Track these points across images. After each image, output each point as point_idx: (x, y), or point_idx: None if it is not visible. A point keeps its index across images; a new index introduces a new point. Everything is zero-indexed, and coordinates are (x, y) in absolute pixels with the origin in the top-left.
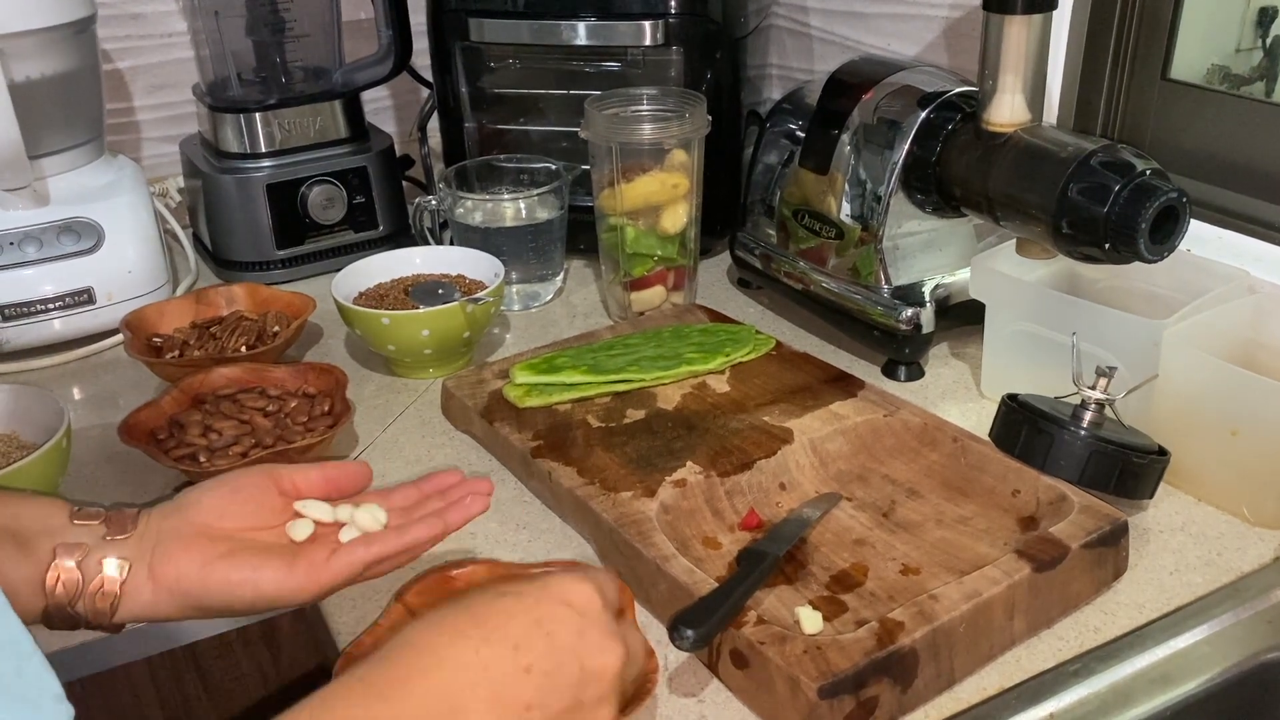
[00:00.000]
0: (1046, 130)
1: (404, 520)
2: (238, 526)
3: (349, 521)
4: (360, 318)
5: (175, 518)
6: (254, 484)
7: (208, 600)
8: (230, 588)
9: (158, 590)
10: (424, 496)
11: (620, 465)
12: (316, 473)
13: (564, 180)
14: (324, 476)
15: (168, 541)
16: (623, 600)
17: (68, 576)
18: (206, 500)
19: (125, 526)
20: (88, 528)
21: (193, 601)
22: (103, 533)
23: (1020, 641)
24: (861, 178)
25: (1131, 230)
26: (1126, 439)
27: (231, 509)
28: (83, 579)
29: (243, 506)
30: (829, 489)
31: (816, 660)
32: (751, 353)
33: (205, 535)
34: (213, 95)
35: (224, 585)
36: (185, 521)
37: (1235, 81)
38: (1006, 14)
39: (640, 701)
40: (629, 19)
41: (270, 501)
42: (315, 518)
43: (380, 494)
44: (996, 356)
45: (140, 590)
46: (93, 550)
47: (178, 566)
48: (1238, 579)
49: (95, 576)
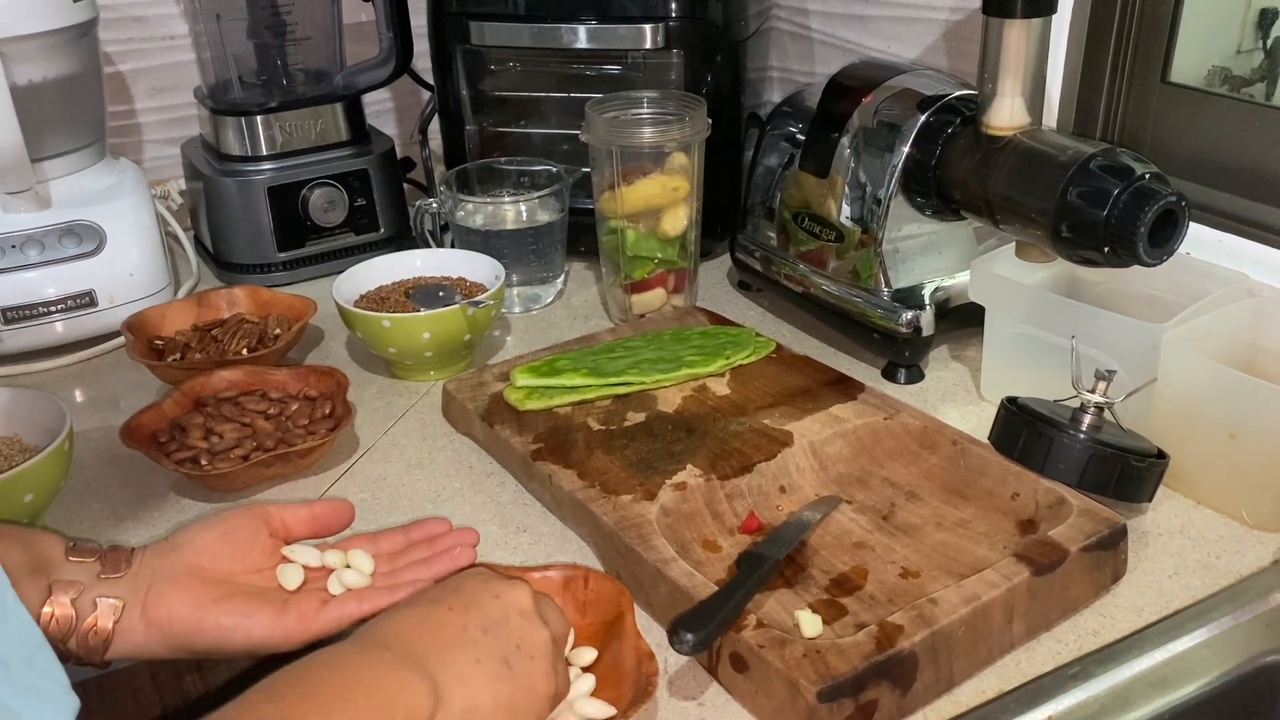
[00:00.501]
0: (1046, 134)
1: (391, 567)
2: (230, 569)
3: (336, 567)
4: (361, 320)
5: (169, 558)
6: (245, 525)
7: (199, 643)
8: (222, 632)
9: (149, 631)
10: (411, 543)
11: (620, 468)
12: (305, 511)
13: (564, 183)
14: (312, 515)
15: (161, 583)
16: (621, 604)
17: (62, 614)
18: (199, 541)
19: (120, 565)
20: (83, 565)
21: (184, 643)
22: (97, 570)
23: (1019, 645)
24: (861, 180)
25: (1131, 234)
26: (1125, 442)
27: (224, 550)
28: (76, 617)
29: (235, 548)
30: (829, 492)
31: (816, 664)
32: (751, 355)
33: (198, 577)
34: (214, 98)
35: (216, 630)
36: (179, 562)
37: (1236, 83)
38: (1006, 18)
39: (640, 704)
40: (629, 22)
41: (261, 543)
42: (304, 563)
43: (368, 538)
44: (996, 359)
45: (133, 631)
46: (87, 589)
47: (170, 608)
48: (1237, 582)
49: (89, 615)
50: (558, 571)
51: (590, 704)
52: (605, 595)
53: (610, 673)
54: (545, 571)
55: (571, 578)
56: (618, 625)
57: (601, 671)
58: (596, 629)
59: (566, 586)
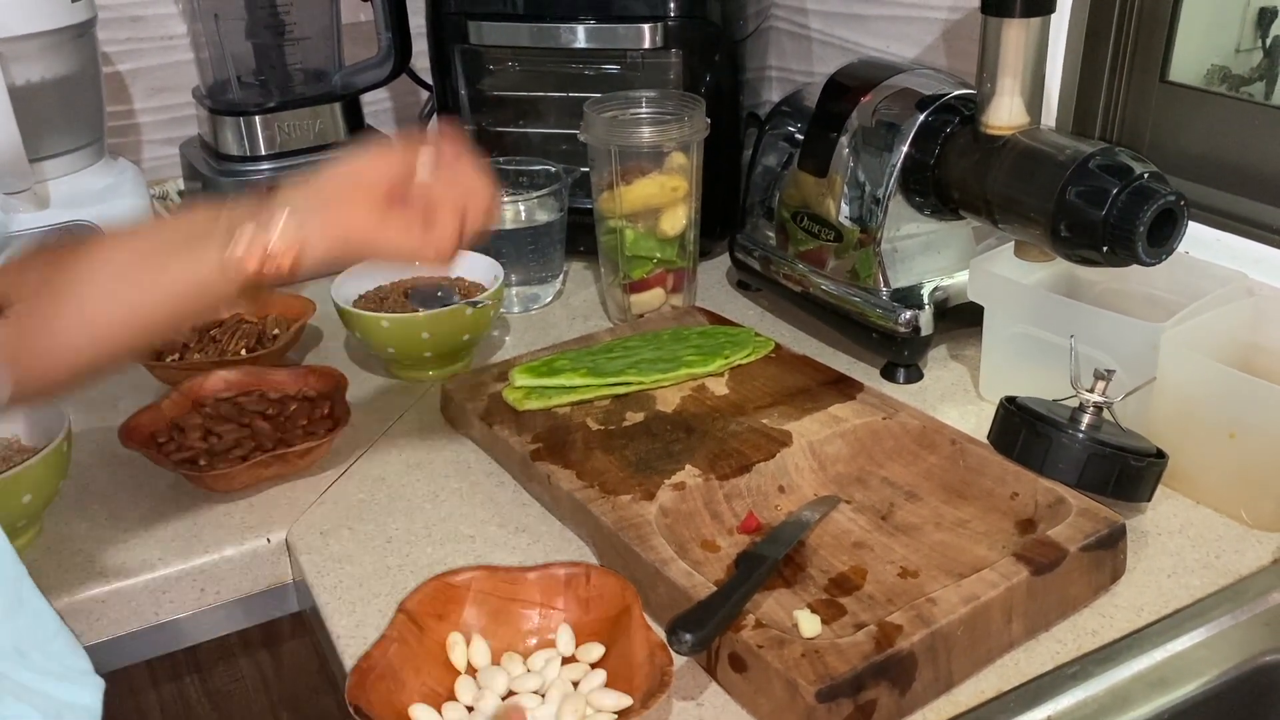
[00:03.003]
0: (1045, 133)
1: None
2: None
3: None
4: (360, 320)
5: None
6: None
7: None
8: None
9: (329, 243)
10: None
11: (619, 468)
12: None
13: (563, 183)
14: None
15: (329, 200)
16: (627, 597)
17: (248, 239)
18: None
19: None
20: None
21: (359, 252)
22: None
23: (1018, 644)
24: (860, 180)
25: (1129, 233)
26: (1124, 442)
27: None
28: (266, 240)
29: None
30: (828, 492)
31: (815, 664)
32: (750, 355)
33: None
34: (213, 98)
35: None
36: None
37: (1235, 82)
38: (1005, 17)
39: (658, 695)
40: (628, 22)
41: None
42: None
43: None
44: (995, 359)
45: (315, 245)
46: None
47: (348, 219)
48: (1236, 581)
49: (273, 238)
50: (560, 569)
51: (605, 695)
52: (609, 591)
53: (621, 667)
54: (546, 570)
55: (573, 575)
56: (624, 620)
57: (611, 666)
58: (602, 625)
59: (569, 584)
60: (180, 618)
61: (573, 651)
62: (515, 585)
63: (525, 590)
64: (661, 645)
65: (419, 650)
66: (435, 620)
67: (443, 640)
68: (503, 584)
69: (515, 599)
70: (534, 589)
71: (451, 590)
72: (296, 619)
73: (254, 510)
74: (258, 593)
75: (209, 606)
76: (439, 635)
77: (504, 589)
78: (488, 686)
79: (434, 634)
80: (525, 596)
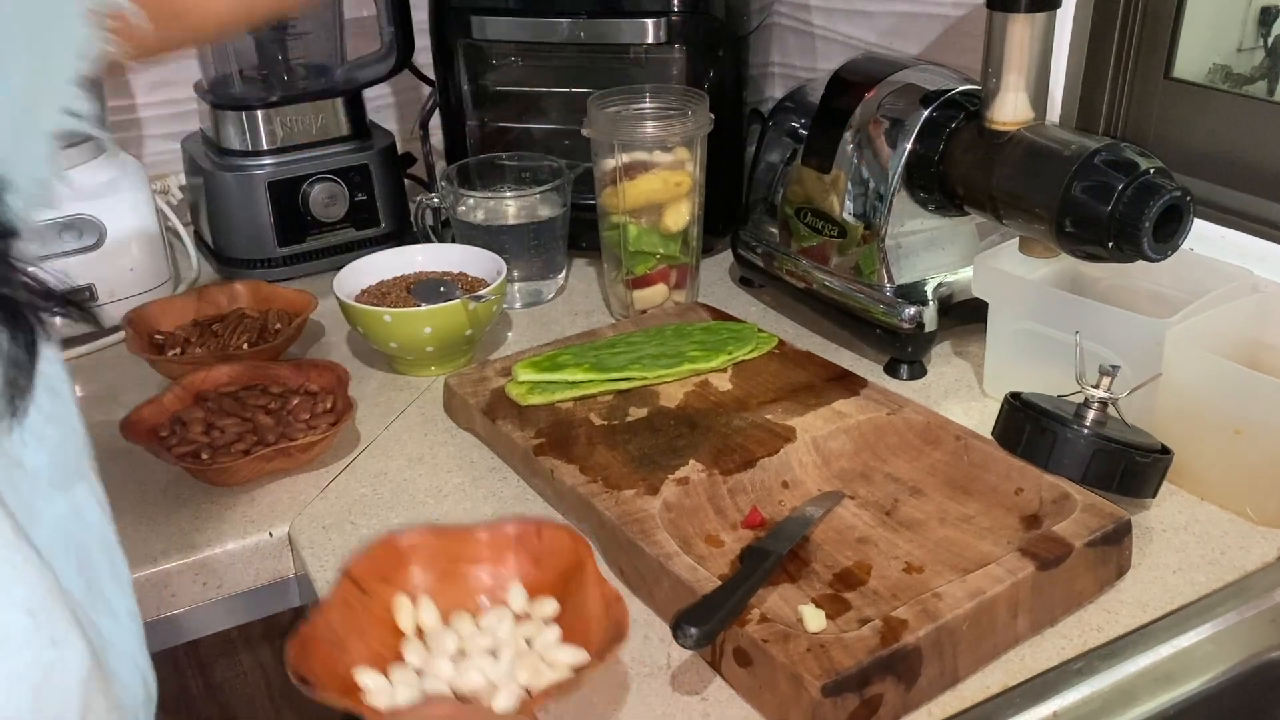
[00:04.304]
0: (1050, 129)
1: None
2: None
3: None
4: (362, 315)
5: None
6: None
7: None
8: None
9: None
10: None
11: (623, 463)
12: None
13: (566, 178)
14: None
15: None
16: (580, 552)
17: None
18: None
19: None
20: None
21: None
22: None
23: (1024, 640)
24: (864, 176)
25: (1135, 229)
26: (1129, 438)
27: None
28: None
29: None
30: (832, 487)
31: (820, 658)
32: (754, 351)
33: None
34: (215, 92)
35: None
36: None
37: (1237, 81)
38: (1010, 12)
39: (616, 646)
40: (632, 17)
41: None
42: None
43: None
44: (999, 355)
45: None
46: None
47: None
48: (1241, 578)
49: None
50: (509, 526)
51: (560, 650)
52: (561, 546)
53: (576, 622)
54: (496, 526)
55: (524, 531)
56: (578, 575)
57: (567, 621)
58: (556, 580)
59: (520, 540)
60: (182, 612)
61: (526, 609)
62: (464, 544)
63: (474, 549)
64: (617, 598)
65: (364, 615)
66: (381, 583)
67: (389, 603)
68: (451, 544)
69: (464, 558)
70: (483, 547)
71: (397, 552)
72: (299, 613)
73: (256, 504)
74: (260, 587)
75: (211, 601)
76: (385, 598)
77: (452, 549)
78: (437, 648)
79: (380, 597)
80: (474, 555)
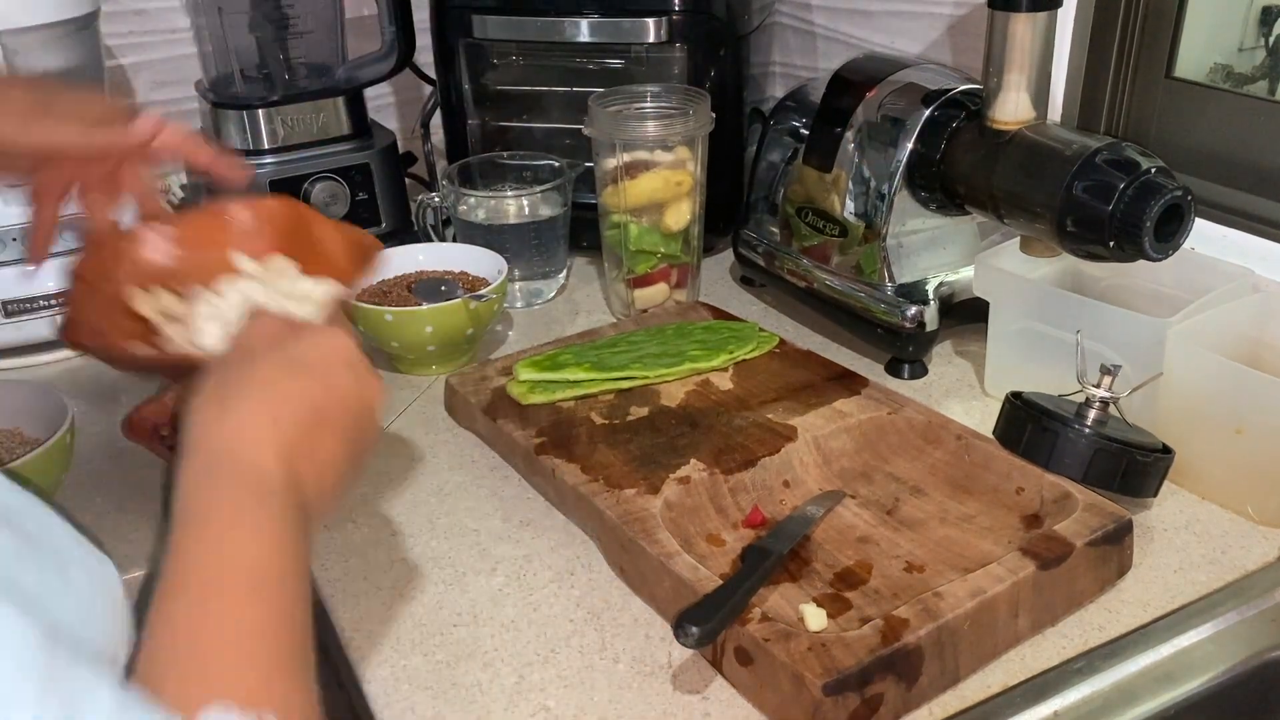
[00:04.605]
0: (1051, 128)
1: None
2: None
3: None
4: (363, 314)
5: None
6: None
7: None
8: None
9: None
10: None
11: (624, 462)
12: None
13: (567, 177)
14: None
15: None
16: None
17: None
18: None
19: None
20: None
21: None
22: None
23: (1024, 639)
24: (865, 175)
25: (1136, 228)
26: (1131, 437)
27: None
28: None
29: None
30: (833, 486)
31: (821, 657)
32: (755, 350)
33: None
34: (216, 92)
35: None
36: None
37: (1238, 80)
38: (1011, 11)
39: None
40: (633, 16)
41: None
42: None
43: None
44: (1000, 354)
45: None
46: None
47: None
48: (1242, 577)
49: None
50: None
51: (306, 282)
52: (278, 212)
53: (319, 268)
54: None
55: (234, 209)
56: (303, 234)
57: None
58: (283, 245)
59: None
60: None
61: (259, 271)
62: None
63: (194, 234)
64: (363, 232)
65: (105, 306)
66: (104, 281)
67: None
68: (170, 240)
69: (188, 243)
70: (202, 232)
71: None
72: None
73: None
74: None
75: None
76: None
77: (183, 235)
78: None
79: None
80: (198, 240)
